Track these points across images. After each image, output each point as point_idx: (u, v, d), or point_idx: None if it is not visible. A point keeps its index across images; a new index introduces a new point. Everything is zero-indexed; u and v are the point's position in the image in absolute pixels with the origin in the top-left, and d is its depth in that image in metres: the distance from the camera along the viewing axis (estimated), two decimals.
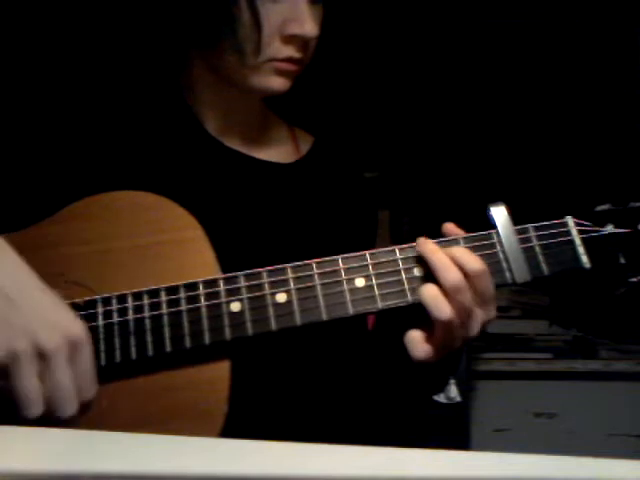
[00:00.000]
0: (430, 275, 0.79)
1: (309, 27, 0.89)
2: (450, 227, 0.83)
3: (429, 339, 0.80)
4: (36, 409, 0.68)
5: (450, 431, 2.07)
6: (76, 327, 0.70)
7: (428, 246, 0.80)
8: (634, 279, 0.83)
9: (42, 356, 0.67)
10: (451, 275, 0.77)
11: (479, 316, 0.79)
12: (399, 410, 1.02)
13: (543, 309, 2.33)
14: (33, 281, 0.70)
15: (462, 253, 0.79)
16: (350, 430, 0.96)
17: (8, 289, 0.68)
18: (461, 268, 0.78)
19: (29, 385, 0.67)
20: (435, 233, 0.84)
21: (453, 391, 2.03)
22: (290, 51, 0.90)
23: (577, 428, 2.23)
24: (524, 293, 2.30)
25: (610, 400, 2.22)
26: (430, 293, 0.78)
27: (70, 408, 0.69)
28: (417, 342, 0.81)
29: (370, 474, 0.49)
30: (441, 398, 2.01)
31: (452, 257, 0.79)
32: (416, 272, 0.80)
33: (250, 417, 0.86)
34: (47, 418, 0.69)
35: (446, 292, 0.77)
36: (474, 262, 0.78)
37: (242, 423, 0.80)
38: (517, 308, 2.30)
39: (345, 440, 0.55)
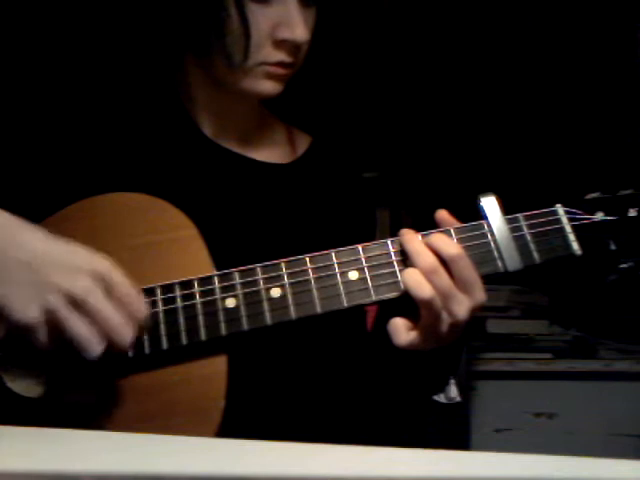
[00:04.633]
0: None
1: (300, 32, 0.89)
2: (443, 214, 0.84)
3: (414, 326, 0.81)
4: (97, 347, 0.70)
5: (450, 431, 2.07)
6: (97, 263, 0.72)
7: (405, 236, 0.82)
8: (625, 265, 0.84)
9: (78, 301, 0.69)
10: (423, 258, 0.79)
11: (463, 301, 0.79)
12: (399, 410, 1.02)
13: (543, 309, 2.33)
14: (38, 236, 0.72)
15: (437, 239, 0.80)
16: (350, 430, 0.96)
17: (17, 253, 0.70)
18: (438, 254, 0.79)
19: (79, 330, 0.70)
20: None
21: (453, 391, 2.03)
22: (281, 55, 0.90)
23: (577, 428, 2.22)
24: (524, 293, 2.30)
25: (610, 400, 2.22)
26: (410, 275, 0.79)
27: (127, 332, 0.71)
28: (399, 328, 0.81)
29: (370, 474, 0.49)
30: (441, 398, 2.01)
31: (428, 244, 0.80)
32: (408, 263, 0.81)
33: (248, 413, 0.86)
34: (113, 352, 0.72)
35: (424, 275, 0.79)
36: (449, 247, 0.79)
37: (240, 418, 0.80)
38: (517, 308, 2.30)
39: (345, 440, 0.55)
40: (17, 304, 0.69)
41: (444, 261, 0.79)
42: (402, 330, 0.81)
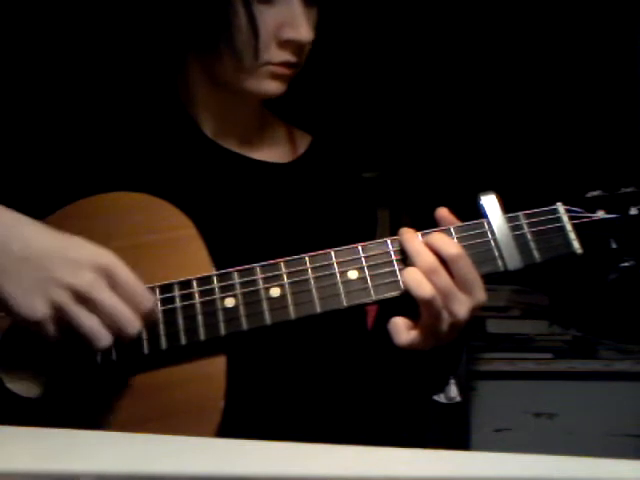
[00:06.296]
0: None
1: (304, 32, 0.89)
2: (443, 212, 0.84)
3: (414, 326, 0.81)
4: (105, 339, 0.72)
5: (450, 431, 2.07)
6: (99, 256, 0.72)
7: (405, 235, 0.82)
8: (626, 264, 0.84)
9: (83, 295, 0.70)
10: (423, 258, 0.79)
11: (463, 301, 0.79)
12: (399, 410, 1.02)
13: (543, 309, 2.33)
14: (40, 231, 0.73)
15: (437, 239, 0.80)
16: (349, 430, 0.96)
17: (20, 249, 0.70)
18: (438, 253, 0.79)
19: (86, 323, 0.71)
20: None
21: (453, 391, 2.03)
22: (286, 55, 0.90)
23: (577, 428, 2.22)
24: (524, 293, 2.30)
25: (610, 400, 2.22)
26: (410, 274, 0.79)
27: (135, 324, 0.73)
28: (400, 328, 0.81)
29: (369, 474, 0.49)
30: (441, 398, 2.01)
31: (428, 243, 0.80)
32: (408, 263, 0.81)
33: (247, 413, 0.86)
34: (121, 341, 0.73)
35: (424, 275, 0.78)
36: (449, 247, 0.79)
37: (239, 418, 0.80)
38: (517, 308, 2.29)
39: (345, 440, 0.55)
40: (23, 301, 0.69)
41: (444, 260, 0.79)
42: (402, 329, 0.81)
